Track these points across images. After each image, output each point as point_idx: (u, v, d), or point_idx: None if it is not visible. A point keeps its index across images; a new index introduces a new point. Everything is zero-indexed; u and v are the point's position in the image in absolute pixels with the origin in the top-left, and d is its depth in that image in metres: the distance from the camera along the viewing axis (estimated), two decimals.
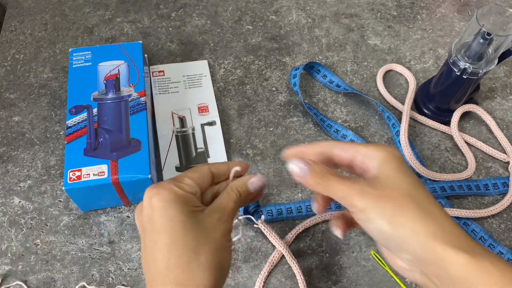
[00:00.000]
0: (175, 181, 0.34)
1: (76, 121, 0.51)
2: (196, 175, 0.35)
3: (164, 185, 0.33)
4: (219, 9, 0.72)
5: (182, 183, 0.34)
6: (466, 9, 0.74)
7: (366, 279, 0.49)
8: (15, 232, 0.51)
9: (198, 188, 0.35)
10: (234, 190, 0.36)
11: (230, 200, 0.35)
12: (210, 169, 0.37)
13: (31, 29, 0.69)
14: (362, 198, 0.30)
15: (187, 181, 0.34)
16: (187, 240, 0.31)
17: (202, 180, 0.36)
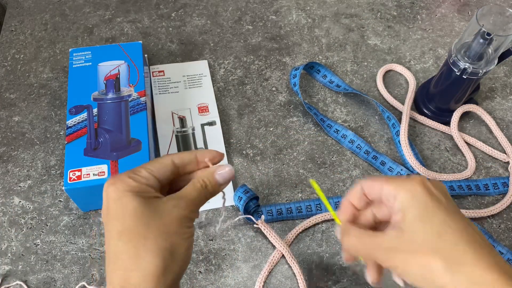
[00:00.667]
0: (131, 173, 0.33)
1: (76, 121, 0.51)
2: (155, 166, 0.34)
3: (120, 177, 0.33)
4: (219, 9, 0.72)
5: (137, 175, 0.33)
6: (466, 9, 0.74)
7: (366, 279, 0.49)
8: (15, 232, 0.51)
9: (155, 180, 0.34)
10: (199, 180, 0.35)
11: (193, 189, 0.35)
12: (172, 160, 0.35)
13: (31, 29, 0.69)
14: (390, 262, 0.31)
15: (143, 172, 0.33)
16: (137, 226, 0.31)
17: (162, 171, 0.34)
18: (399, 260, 0.31)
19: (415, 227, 0.31)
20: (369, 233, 0.34)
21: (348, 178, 0.56)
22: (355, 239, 0.34)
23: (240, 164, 0.57)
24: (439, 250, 0.30)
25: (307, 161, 0.57)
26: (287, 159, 0.57)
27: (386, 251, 0.31)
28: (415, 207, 0.31)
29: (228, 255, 0.50)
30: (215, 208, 0.53)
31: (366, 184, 0.35)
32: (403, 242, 0.31)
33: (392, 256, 0.31)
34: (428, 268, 0.29)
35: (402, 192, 0.32)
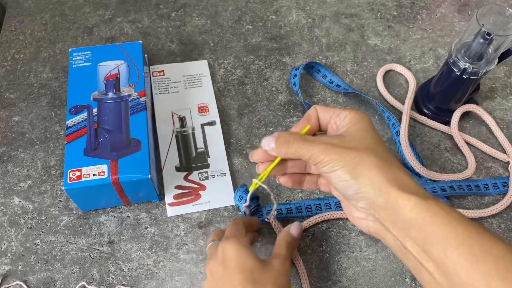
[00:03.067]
0: (240, 237, 0.41)
1: (76, 121, 0.51)
2: (245, 231, 0.44)
3: (234, 240, 0.40)
4: (219, 9, 0.72)
5: (244, 239, 0.41)
6: (466, 9, 0.74)
7: (366, 279, 0.49)
8: (15, 232, 0.51)
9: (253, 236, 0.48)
10: (283, 240, 0.45)
11: (283, 248, 0.44)
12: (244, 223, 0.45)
13: (31, 29, 0.69)
14: (327, 153, 0.34)
15: (246, 238, 0.43)
16: (256, 278, 0.38)
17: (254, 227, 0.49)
18: (335, 153, 0.34)
19: (358, 134, 0.36)
20: (304, 137, 0.37)
21: None
22: (296, 136, 0.37)
23: (240, 164, 0.56)
24: (374, 150, 0.34)
25: None
26: None
27: (325, 145, 0.35)
28: (362, 122, 0.36)
29: None
30: (215, 208, 0.53)
31: (320, 107, 0.39)
32: (341, 141, 0.35)
33: (329, 149, 0.34)
34: (359, 161, 0.33)
35: (352, 113, 0.37)
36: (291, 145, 0.36)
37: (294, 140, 0.36)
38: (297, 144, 0.36)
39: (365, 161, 0.33)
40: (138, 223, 0.52)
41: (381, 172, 0.33)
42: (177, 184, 0.54)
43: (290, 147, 0.36)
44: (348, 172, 0.33)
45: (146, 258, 0.50)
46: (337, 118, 0.38)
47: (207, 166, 0.56)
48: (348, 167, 0.33)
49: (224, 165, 0.56)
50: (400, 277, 0.49)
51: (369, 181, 0.33)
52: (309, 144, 0.35)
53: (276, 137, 0.37)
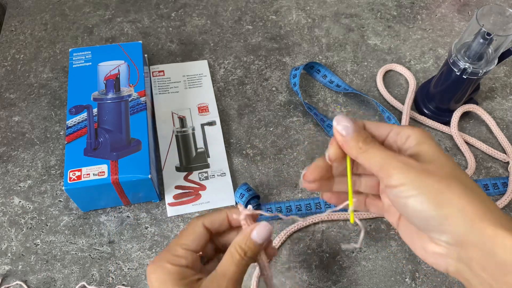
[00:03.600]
0: (169, 254, 0.33)
1: (76, 121, 0.51)
2: (189, 238, 0.34)
3: (160, 263, 0.33)
4: (219, 9, 0.72)
5: (175, 256, 0.33)
6: (466, 9, 0.74)
7: (366, 279, 0.49)
8: (15, 232, 0.51)
9: (193, 255, 0.34)
10: (236, 249, 0.33)
11: (231, 263, 0.33)
12: (204, 224, 0.35)
13: (31, 29, 0.69)
14: (404, 171, 0.28)
15: (179, 251, 0.33)
16: None
17: (196, 242, 0.34)
18: (411, 177, 0.28)
19: (433, 157, 0.30)
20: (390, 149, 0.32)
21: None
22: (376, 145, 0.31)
23: (240, 164, 0.57)
24: (458, 176, 0.29)
25: (307, 161, 0.57)
26: (287, 159, 0.57)
27: (402, 163, 0.29)
28: (432, 141, 0.31)
29: None
30: (215, 208, 0.53)
31: (371, 124, 0.33)
32: (421, 162, 0.29)
33: (406, 168, 0.29)
34: (445, 188, 0.28)
35: (416, 131, 0.31)
36: (368, 144, 0.30)
37: (371, 141, 0.31)
38: (374, 146, 0.30)
39: (452, 188, 0.28)
40: (138, 223, 0.52)
41: (472, 203, 0.27)
42: (177, 184, 0.54)
43: (367, 145, 0.30)
44: (430, 200, 0.28)
45: (146, 258, 0.50)
46: (398, 137, 0.32)
47: (207, 166, 0.56)
48: (431, 194, 0.28)
49: (224, 165, 0.56)
50: (400, 277, 0.49)
51: (459, 213, 0.27)
52: (387, 153, 0.30)
53: (356, 127, 0.31)
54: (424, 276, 0.49)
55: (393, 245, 0.51)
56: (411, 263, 0.50)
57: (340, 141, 0.32)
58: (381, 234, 0.52)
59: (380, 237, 0.52)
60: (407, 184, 0.28)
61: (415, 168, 0.29)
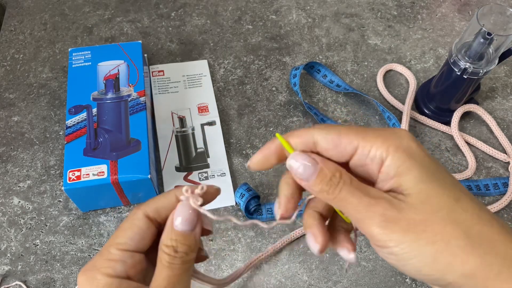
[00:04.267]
0: (101, 259, 0.26)
1: (76, 121, 0.51)
2: (126, 235, 0.26)
3: (88, 274, 0.25)
4: (219, 9, 0.72)
5: (109, 261, 0.26)
6: (466, 8, 0.74)
7: (366, 279, 0.49)
8: (15, 232, 0.51)
9: (133, 257, 0.26)
10: (163, 249, 0.25)
11: (162, 269, 0.25)
12: (146, 214, 0.27)
13: (30, 28, 0.69)
14: (387, 230, 0.23)
15: (114, 254, 0.26)
16: None
17: (137, 238, 0.26)
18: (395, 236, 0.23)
19: (421, 188, 0.23)
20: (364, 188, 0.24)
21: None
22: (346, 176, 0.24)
23: (240, 164, 0.56)
24: (457, 221, 0.22)
25: None
26: None
27: (382, 219, 0.23)
28: (417, 169, 0.23)
29: (228, 256, 0.50)
30: (215, 208, 0.53)
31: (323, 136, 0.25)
32: (404, 208, 0.23)
33: (389, 228, 0.23)
34: (443, 247, 0.22)
35: (393, 152, 0.24)
36: (336, 187, 0.24)
37: (339, 181, 0.24)
38: (344, 188, 0.24)
39: (452, 246, 0.22)
40: None
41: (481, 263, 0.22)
42: (177, 184, 0.54)
43: (335, 188, 0.24)
44: (427, 265, 0.22)
45: None
46: (368, 161, 0.25)
47: (207, 166, 0.55)
48: (427, 259, 0.22)
49: (224, 165, 0.56)
50: (400, 277, 0.49)
51: (467, 279, 0.22)
52: (361, 201, 0.23)
53: (320, 167, 0.25)
54: None
55: None
56: None
57: (303, 186, 0.26)
58: None
59: None
60: (392, 247, 0.23)
61: (400, 225, 0.23)
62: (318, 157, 0.25)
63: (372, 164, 0.25)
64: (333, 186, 0.24)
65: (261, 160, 0.28)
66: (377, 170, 0.25)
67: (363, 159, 0.25)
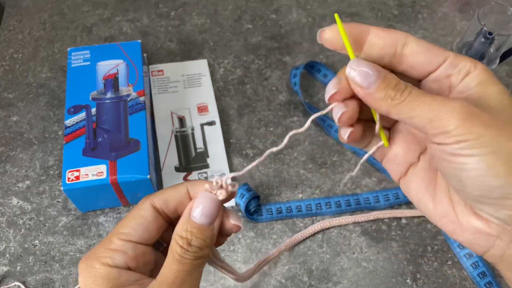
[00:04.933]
0: (103, 249, 0.25)
1: (75, 121, 0.51)
2: (130, 225, 0.25)
3: (88, 262, 0.24)
4: (219, 8, 0.72)
5: (109, 250, 0.24)
6: (467, 8, 0.74)
7: (367, 280, 0.49)
8: (13, 233, 0.51)
9: (136, 248, 0.25)
10: (176, 240, 0.24)
11: (171, 262, 0.24)
12: (154, 205, 0.26)
13: (29, 28, 0.69)
14: (467, 122, 0.21)
15: (116, 243, 0.25)
16: None
17: (141, 228, 0.25)
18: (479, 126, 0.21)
19: (502, 102, 0.23)
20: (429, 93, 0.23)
21: (349, 179, 0.55)
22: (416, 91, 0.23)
23: (240, 164, 0.56)
24: None
25: (307, 161, 0.57)
26: (288, 159, 0.57)
27: (464, 112, 0.21)
28: (498, 86, 0.23)
29: (228, 256, 0.50)
30: None
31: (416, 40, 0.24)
32: (486, 111, 0.22)
33: (470, 121, 0.21)
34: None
35: (479, 67, 0.24)
36: (404, 92, 0.23)
37: (406, 86, 0.23)
38: (414, 93, 0.22)
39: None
40: None
41: None
42: None
43: (402, 93, 0.22)
44: (502, 163, 0.21)
45: None
46: (454, 71, 0.24)
47: (206, 166, 0.55)
48: (504, 156, 0.21)
49: (224, 165, 0.55)
50: (401, 278, 0.49)
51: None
52: (437, 100, 0.22)
53: (382, 73, 0.23)
54: (425, 277, 0.49)
55: (394, 246, 0.51)
56: (412, 264, 0.50)
57: (360, 95, 0.24)
58: (382, 235, 0.51)
59: (381, 238, 0.51)
60: (472, 140, 0.21)
61: (482, 119, 0.21)
62: (377, 65, 0.24)
63: (457, 74, 0.24)
64: (400, 90, 0.23)
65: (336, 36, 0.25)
66: (459, 80, 0.24)
67: (450, 69, 0.24)
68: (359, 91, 0.23)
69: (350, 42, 0.24)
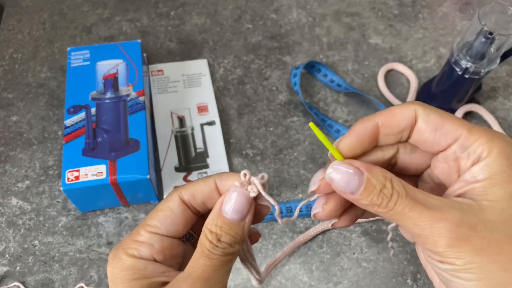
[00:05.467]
0: (129, 240, 0.25)
1: (74, 121, 0.51)
2: (158, 218, 0.25)
3: (116, 253, 0.24)
4: (219, 8, 0.72)
5: (136, 242, 0.24)
6: (468, 8, 0.73)
7: (367, 280, 0.49)
8: (13, 233, 0.51)
9: (163, 241, 0.24)
10: (206, 234, 0.23)
11: (199, 256, 0.23)
12: (181, 198, 0.25)
13: (29, 28, 0.69)
14: (455, 247, 0.20)
15: (142, 236, 0.24)
16: None
17: (169, 222, 0.25)
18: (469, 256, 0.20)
19: (509, 210, 0.20)
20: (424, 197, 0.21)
21: None
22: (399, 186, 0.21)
23: (240, 164, 0.56)
24: None
25: (307, 161, 0.56)
26: (288, 159, 0.57)
27: (448, 236, 0.20)
28: (508, 183, 0.20)
29: None
30: None
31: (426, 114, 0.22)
32: (479, 225, 0.20)
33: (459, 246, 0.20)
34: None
35: (495, 155, 0.21)
36: (392, 201, 0.21)
37: (398, 194, 0.21)
38: (401, 203, 0.21)
39: None
40: (137, 224, 0.52)
41: None
42: (176, 184, 0.54)
43: (390, 204, 0.21)
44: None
45: None
46: (461, 152, 0.22)
47: (206, 166, 0.55)
48: (489, 285, 0.20)
49: (224, 165, 0.55)
50: (401, 278, 0.49)
51: None
52: (421, 217, 0.20)
53: (366, 176, 0.21)
54: (425, 278, 0.49)
55: (394, 246, 0.51)
56: (412, 265, 0.49)
57: (350, 200, 0.23)
58: (382, 235, 0.51)
59: (381, 239, 0.51)
60: (459, 266, 0.20)
61: (472, 244, 0.20)
62: (362, 164, 0.22)
63: (466, 159, 0.22)
64: (385, 199, 0.21)
65: (354, 144, 0.23)
66: (467, 167, 0.22)
67: (459, 151, 0.22)
68: (347, 197, 0.22)
69: (366, 146, 0.23)
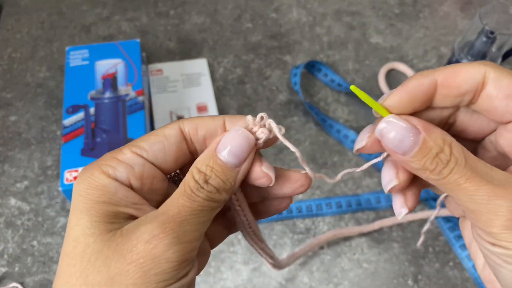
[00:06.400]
0: (109, 156, 0.21)
1: (73, 121, 0.51)
2: (148, 141, 0.21)
3: (88, 169, 0.21)
4: (219, 7, 0.71)
5: (116, 160, 0.21)
6: (469, 7, 0.73)
7: (368, 281, 0.48)
8: (12, 234, 0.51)
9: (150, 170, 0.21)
10: (192, 172, 0.20)
11: (180, 195, 0.20)
12: (181, 128, 0.22)
13: (28, 27, 0.68)
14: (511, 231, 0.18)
15: (125, 155, 0.21)
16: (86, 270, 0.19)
17: (159, 148, 0.21)
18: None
19: None
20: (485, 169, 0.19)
21: (350, 179, 0.55)
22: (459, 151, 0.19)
23: None
24: None
25: (308, 161, 0.56)
26: (288, 159, 0.56)
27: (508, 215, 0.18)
28: None
29: (228, 258, 0.50)
30: None
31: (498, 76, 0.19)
32: None
33: None
34: None
35: None
36: (447, 168, 0.19)
37: (456, 162, 0.19)
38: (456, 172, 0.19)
39: None
40: None
41: None
42: None
43: (445, 171, 0.19)
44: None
45: None
46: None
47: None
48: None
49: None
50: (402, 279, 0.49)
51: None
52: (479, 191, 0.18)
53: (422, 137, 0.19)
54: (426, 279, 0.49)
55: (395, 247, 0.50)
56: (413, 265, 0.49)
57: (398, 160, 0.20)
58: (383, 236, 0.51)
59: (382, 239, 0.51)
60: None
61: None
62: (420, 122, 0.19)
63: None
64: (440, 165, 0.19)
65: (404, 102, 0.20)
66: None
67: None
68: (396, 156, 0.20)
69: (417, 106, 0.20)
